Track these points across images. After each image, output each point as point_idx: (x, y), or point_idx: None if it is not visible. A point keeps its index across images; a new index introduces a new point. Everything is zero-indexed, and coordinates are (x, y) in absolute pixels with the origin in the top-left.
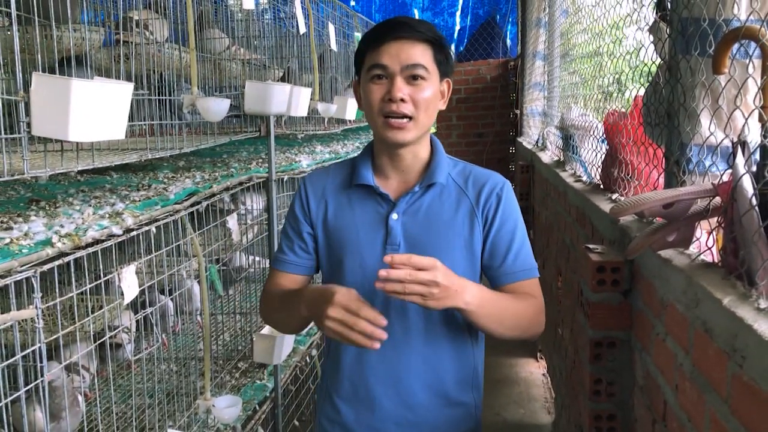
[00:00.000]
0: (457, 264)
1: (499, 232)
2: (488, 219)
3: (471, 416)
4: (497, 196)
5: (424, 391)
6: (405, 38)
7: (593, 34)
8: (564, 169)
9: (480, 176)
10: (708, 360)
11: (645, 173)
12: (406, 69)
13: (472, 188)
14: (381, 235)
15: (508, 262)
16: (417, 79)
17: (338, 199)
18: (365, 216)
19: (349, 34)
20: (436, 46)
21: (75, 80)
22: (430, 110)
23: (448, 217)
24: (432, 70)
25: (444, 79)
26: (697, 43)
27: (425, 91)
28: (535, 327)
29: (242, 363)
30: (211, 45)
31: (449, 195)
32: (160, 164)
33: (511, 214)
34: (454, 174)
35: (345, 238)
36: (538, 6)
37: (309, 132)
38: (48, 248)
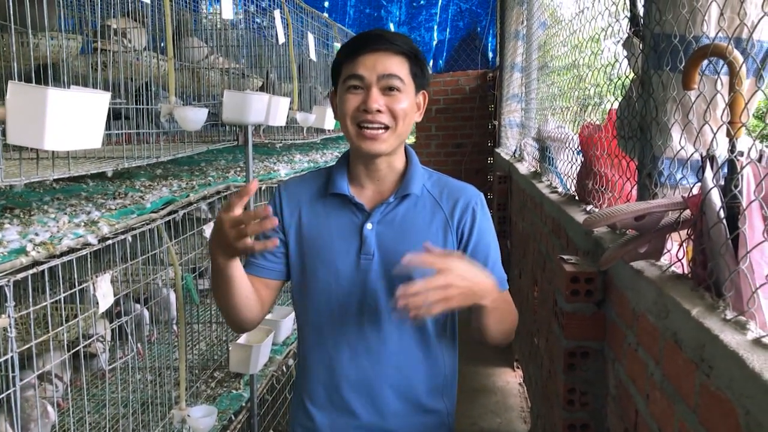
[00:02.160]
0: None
1: (475, 248)
2: (464, 235)
3: (443, 424)
4: (472, 211)
5: (396, 398)
6: (381, 50)
7: (571, 47)
8: (540, 180)
9: (454, 189)
10: (677, 370)
11: (619, 185)
12: (382, 79)
13: (447, 201)
14: (355, 245)
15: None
16: (393, 90)
17: (313, 207)
18: (340, 225)
19: (329, 44)
20: (412, 59)
21: (51, 89)
22: (407, 121)
23: (422, 228)
24: (408, 82)
25: (420, 92)
26: (669, 59)
27: (401, 102)
28: (512, 334)
29: (218, 372)
30: (189, 54)
31: (423, 206)
32: (137, 172)
33: (487, 229)
34: (429, 185)
35: (319, 246)
36: (516, 19)
37: (288, 141)
38: (22, 257)
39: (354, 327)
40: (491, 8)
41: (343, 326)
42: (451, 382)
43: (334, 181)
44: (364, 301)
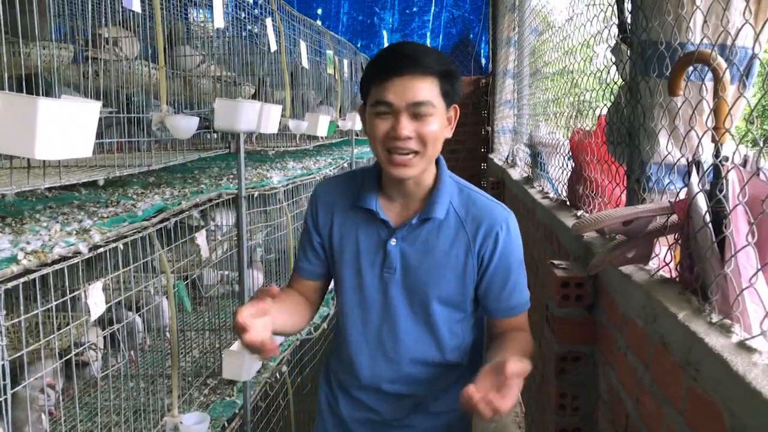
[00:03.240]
0: (446, 293)
1: (495, 273)
2: (484, 260)
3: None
4: (495, 237)
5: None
6: (410, 74)
7: (562, 52)
8: (532, 185)
9: (481, 211)
10: (666, 373)
11: (609, 190)
12: (411, 107)
13: (471, 224)
14: (380, 258)
15: (501, 299)
16: (423, 116)
17: (345, 217)
18: (367, 237)
19: (321, 52)
20: (442, 78)
21: (41, 99)
22: (437, 143)
23: (444, 249)
24: (438, 104)
25: (451, 107)
26: (656, 65)
27: (431, 125)
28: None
29: (211, 379)
30: (182, 62)
31: (447, 227)
32: (130, 180)
33: (511, 253)
34: (456, 204)
35: (347, 255)
36: (508, 25)
37: (280, 148)
38: (13, 265)
39: (374, 333)
40: (483, 15)
41: (364, 331)
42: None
43: (364, 194)
44: (385, 311)
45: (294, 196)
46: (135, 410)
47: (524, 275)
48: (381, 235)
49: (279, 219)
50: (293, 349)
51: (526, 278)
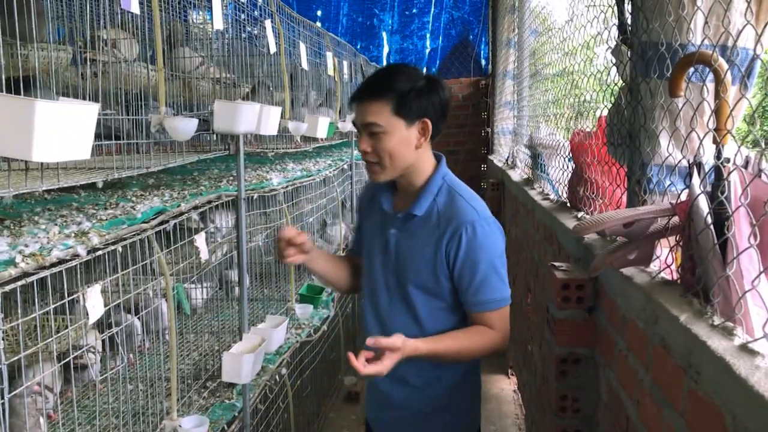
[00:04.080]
0: (420, 280)
1: (461, 269)
2: (450, 256)
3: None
4: (459, 237)
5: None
6: (362, 99)
7: (563, 53)
8: (532, 187)
9: (453, 213)
10: (666, 376)
11: (609, 192)
12: (365, 127)
13: (445, 223)
14: (383, 243)
15: (469, 295)
16: (375, 134)
17: (371, 206)
18: (381, 225)
19: (321, 54)
20: (397, 99)
21: (39, 101)
22: (396, 155)
23: (422, 242)
24: (390, 123)
25: (418, 121)
26: (656, 67)
27: (383, 142)
28: (488, 355)
29: (211, 382)
30: (181, 64)
31: (428, 223)
32: (130, 182)
33: (476, 253)
34: (441, 203)
35: (367, 239)
36: (508, 26)
37: (280, 150)
38: (11, 268)
39: (375, 307)
40: (483, 16)
41: (370, 305)
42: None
43: (382, 190)
44: (384, 289)
45: (294, 198)
46: (134, 413)
47: (497, 275)
48: (386, 225)
49: (279, 221)
50: (293, 351)
51: (502, 278)
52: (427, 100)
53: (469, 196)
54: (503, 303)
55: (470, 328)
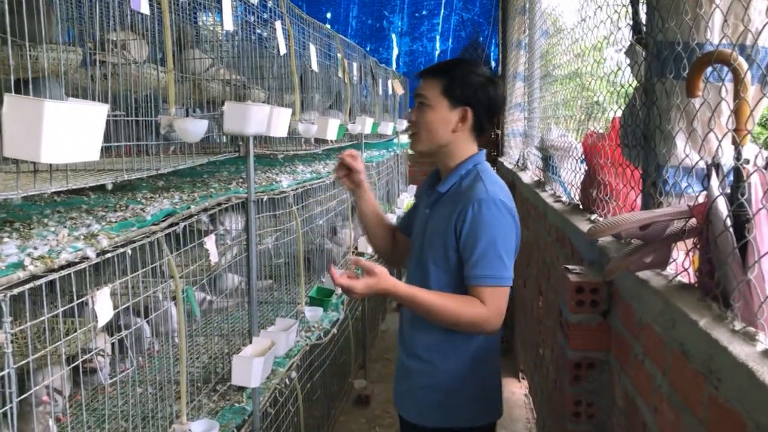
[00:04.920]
0: (435, 255)
1: (465, 243)
2: (457, 230)
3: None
4: (465, 213)
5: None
6: (424, 76)
7: (574, 55)
8: (544, 189)
9: (467, 192)
10: (685, 381)
11: (623, 194)
12: (416, 98)
13: (459, 201)
14: (420, 222)
15: (468, 267)
16: (422, 107)
17: (424, 188)
18: (422, 207)
19: (331, 55)
20: (447, 81)
21: (48, 102)
22: (431, 130)
23: (441, 219)
24: (436, 100)
25: (460, 107)
26: (672, 67)
27: (425, 115)
28: (473, 329)
29: (221, 386)
30: (191, 65)
31: (449, 202)
32: (140, 184)
33: (478, 229)
34: (464, 185)
35: (414, 216)
36: (518, 28)
37: (290, 152)
38: (20, 271)
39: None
40: (493, 18)
41: (407, 272)
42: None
43: (433, 176)
44: (413, 266)
45: (303, 200)
46: (143, 417)
47: (496, 254)
48: (424, 205)
49: (288, 223)
50: (303, 354)
51: (501, 259)
52: (474, 91)
53: (490, 182)
54: (498, 281)
55: (460, 295)
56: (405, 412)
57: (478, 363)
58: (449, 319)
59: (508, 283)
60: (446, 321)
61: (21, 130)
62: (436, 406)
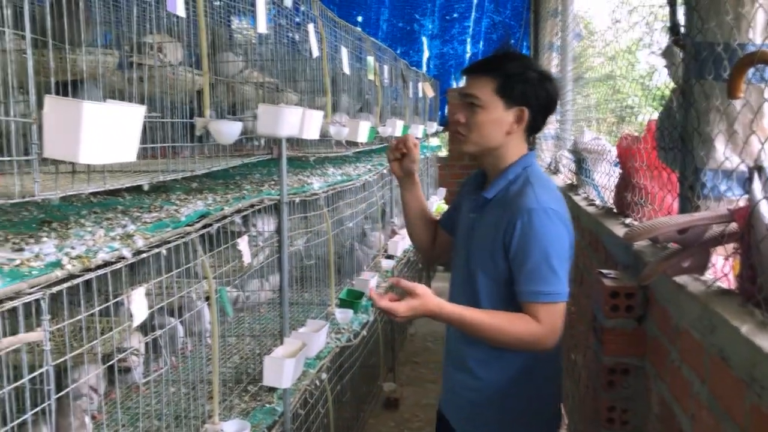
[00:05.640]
0: (484, 265)
1: (515, 257)
2: (505, 243)
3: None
4: (514, 224)
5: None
6: (472, 72)
7: (606, 58)
8: (577, 192)
9: (516, 200)
10: (725, 389)
11: (659, 198)
12: (464, 97)
13: (508, 210)
14: (465, 226)
15: (519, 283)
16: (472, 107)
17: (469, 192)
18: (466, 210)
19: (362, 58)
20: (503, 79)
21: (86, 103)
22: (484, 132)
23: (487, 227)
24: (489, 100)
25: (516, 107)
26: (712, 68)
27: (476, 116)
28: (528, 347)
29: (252, 386)
30: (225, 68)
31: (497, 208)
32: (174, 186)
33: (529, 242)
34: (513, 190)
35: (457, 223)
36: (550, 30)
37: (321, 154)
38: (58, 270)
39: (451, 290)
40: (525, 20)
41: (450, 287)
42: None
43: (478, 176)
44: (458, 272)
45: (334, 203)
46: (176, 416)
47: (550, 267)
48: (470, 209)
49: (319, 225)
50: (333, 356)
51: (555, 272)
52: (532, 90)
53: (541, 188)
54: (553, 297)
55: (513, 313)
56: (455, 422)
57: (532, 378)
58: (500, 338)
59: (563, 298)
60: (497, 341)
61: (60, 131)
62: (487, 421)
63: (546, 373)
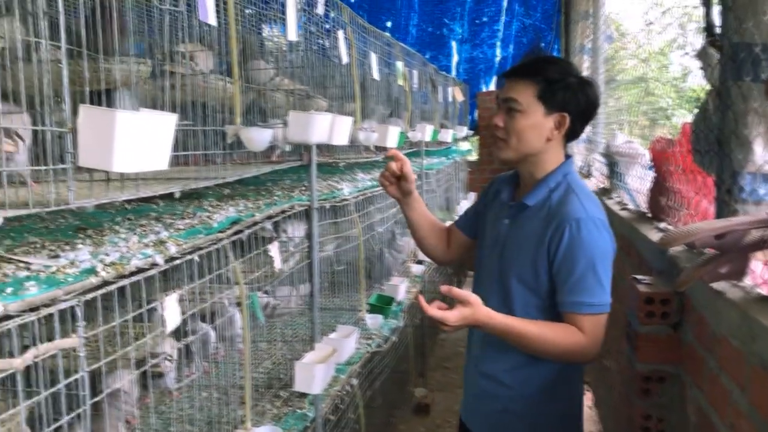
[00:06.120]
0: (521, 273)
1: (560, 266)
2: (550, 252)
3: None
4: (561, 232)
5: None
6: (511, 76)
7: (639, 60)
8: (610, 196)
9: (561, 208)
10: (766, 398)
11: (695, 202)
12: (504, 102)
13: (552, 218)
14: (495, 233)
15: (563, 293)
16: (512, 112)
17: (494, 198)
18: (495, 217)
19: (391, 63)
20: (544, 84)
21: (119, 112)
22: (523, 138)
23: (527, 236)
24: (530, 105)
25: (557, 113)
26: (750, 69)
27: (516, 121)
28: (571, 359)
29: (284, 392)
30: (255, 76)
31: (538, 216)
32: (206, 192)
33: (576, 251)
34: (555, 199)
35: (482, 226)
36: (581, 33)
37: (351, 160)
38: (92, 277)
39: (482, 290)
40: (555, 23)
41: (478, 286)
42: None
43: (505, 182)
44: (488, 280)
45: (364, 208)
46: (208, 421)
47: (596, 278)
48: (501, 215)
49: (349, 230)
50: (363, 361)
51: (601, 283)
52: (573, 95)
53: (585, 197)
54: (598, 309)
55: (558, 323)
56: (478, 430)
57: (562, 387)
58: (547, 349)
59: (607, 309)
60: (543, 351)
61: (94, 140)
62: (515, 430)
63: (571, 378)
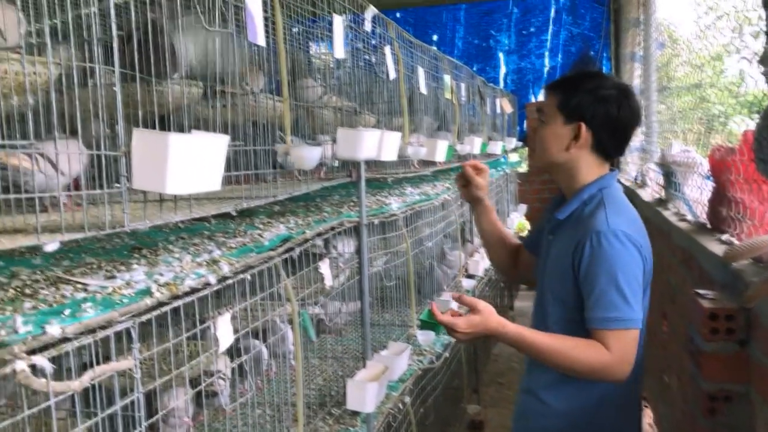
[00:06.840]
0: (554, 287)
1: (584, 281)
2: (574, 265)
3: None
4: (582, 247)
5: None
6: (547, 89)
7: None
8: (666, 207)
9: (587, 221)
10: None
11: (759, 212)
12: (538, 111)
13: (578, 232)
14: (545, 247)
15: (587, 308)
16: (541, 121)
17: (549, 210)
18: (546, 231)
19: (438, 77)
20: (563, 93)
21: (172, 135)
22: (544, 146)
23: (561, 248)
24: (552, 115)
25: (574, 123)
26: None
27: (540, 129)
28: (595, 376)
29: (336, 409)
30: (304, 94)
31: (570, 229)
32: (257, 209)
33: (596, 265)
34: (587, 211)
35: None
36: (632, 40)
37: (399, 175)
38: (147, 298)
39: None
40: (604, 31)
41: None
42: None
43: (559, 195)
44: (538, 290)
45: (413, 222)
46: None
47: (619, 292)
48: (547, 230)
49: (398, 245)
50: (415, 378)
51: (625, 297)
52: (591, 107)
53: (614, 210)
54: (623, 324)
55: (581, 339)
56: None
57: (609, 409)
58: (567, 364)
59: (635, 325)
60: (563, 367)
61: (148, 163)
62: None
63: (619, 402)
